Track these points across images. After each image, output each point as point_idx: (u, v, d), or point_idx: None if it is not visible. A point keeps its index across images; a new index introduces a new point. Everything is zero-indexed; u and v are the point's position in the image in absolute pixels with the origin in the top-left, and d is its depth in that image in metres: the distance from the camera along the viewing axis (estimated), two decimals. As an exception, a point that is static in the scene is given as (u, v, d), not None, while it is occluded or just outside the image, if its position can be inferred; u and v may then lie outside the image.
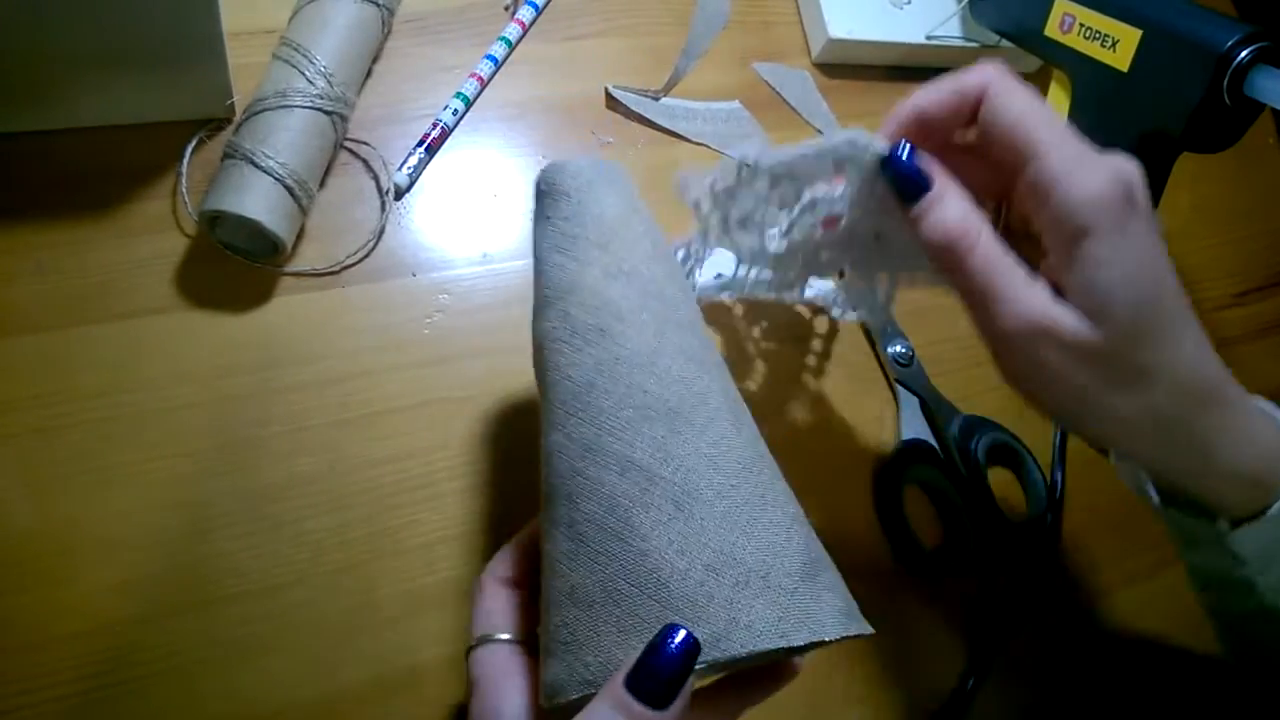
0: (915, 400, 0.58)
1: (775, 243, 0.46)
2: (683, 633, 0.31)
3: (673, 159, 0.60)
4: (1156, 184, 0.56)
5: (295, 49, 0.49)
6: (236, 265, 0.49)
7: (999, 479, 0.58)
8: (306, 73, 0.48)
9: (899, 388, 0.58)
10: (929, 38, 0.67)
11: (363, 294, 0.51)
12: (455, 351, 0.51)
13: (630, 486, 0.34)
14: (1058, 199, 0.35)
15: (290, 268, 0.50)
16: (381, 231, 0.52)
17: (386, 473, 0.47)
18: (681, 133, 0.61)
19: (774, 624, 0.32)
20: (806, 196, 0.42)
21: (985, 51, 0.69)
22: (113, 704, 0.41)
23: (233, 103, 0.50)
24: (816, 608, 0.33)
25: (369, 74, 0.55)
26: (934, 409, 0.57)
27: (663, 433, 0.34)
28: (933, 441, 0.56)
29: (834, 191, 0.42)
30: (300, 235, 0.50)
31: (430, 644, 0.45)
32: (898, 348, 0.58)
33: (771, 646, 0.32)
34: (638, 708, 0.30)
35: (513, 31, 0.60)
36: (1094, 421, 0.39)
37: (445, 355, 0.51)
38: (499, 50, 0.59)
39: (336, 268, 0.51)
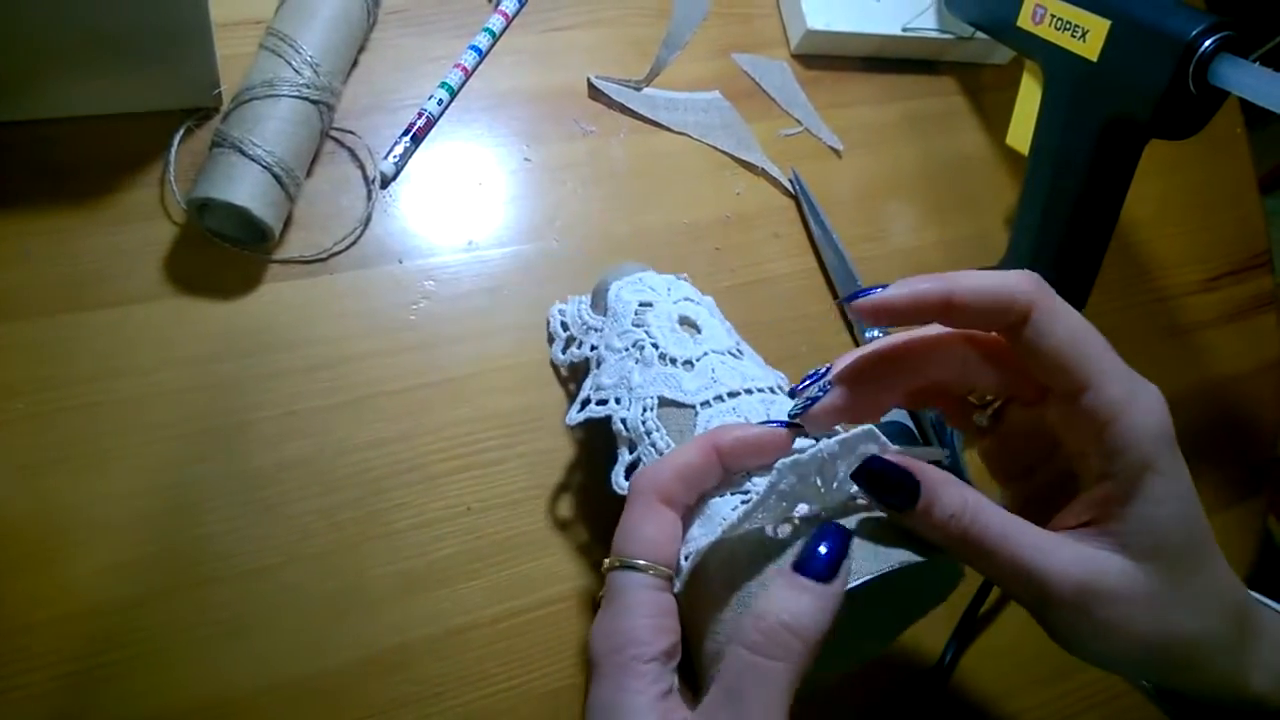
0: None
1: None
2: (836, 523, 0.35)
3: (655, 147, 0.61)
4: (1125, 170, 0.57)
5: (282, 39, 0.49)
6: (225, 253, 0.49)
7: (975, 459, 0.59)
8: (293, 63, 0.49)
9: (877, 371, 0.59)
10: (905, 29, 0.68)
11: (350, 281, 0.52)
12: (441, 336, 0.52)
13: None
14: (1122, 432, 0.33)
15: (278, 255, 0.51)
16: (368, 219, 0.53)
17: (374, 456, 0.48)
18: (663, 122, 0.62)
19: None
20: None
21: (960, 44, 0.70)
22: (103, 685, 0.42)
23: (220, 92, 0.51)
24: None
25: (355, 64, 0.56)
26: (911, 392, 0.58)
27: None
28: (910, 424, 0.58)
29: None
30: (288, 223, 0.51)
31: (419, 625, 0.46)
32: (876, 334, 0.60)
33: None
34: (807, 581, 0.33)
35: (496, 22, 0.60)
36: (1159, 664, 0.36)
37: (431, 340, 0.52)
38: (483, 41, 0.59)
39: (324, 255, 0.51)
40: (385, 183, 0.54)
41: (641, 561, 0.36)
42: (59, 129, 0.49)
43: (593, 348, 0.48)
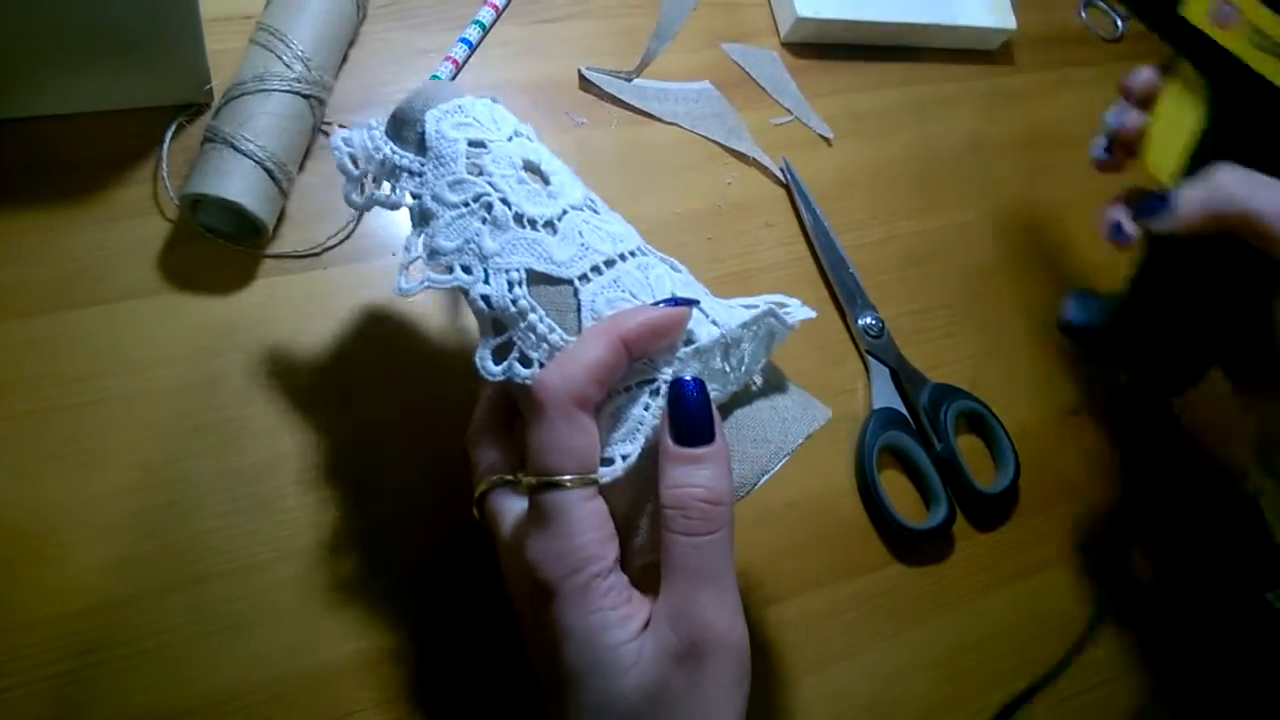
0: (886, 370, 0.59)
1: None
2: (687, 378, 0.35)
3: (646, 138, 0.62)
4: None
5: (272, 34, 0.49)
6: (218, 248, 0.49)
7: (968, 445, 0.59)
8: (284, 57, 0.49)
9: (869, 359, 0.59)
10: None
11: (344, 275, 0.52)
12: (435, 332, 0.52)
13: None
14: None
15: (272, 250, 0.51)
16: (361, 214, 0.53)
17: (370, 450, 0.48)
18: (654, 113, 0.62)
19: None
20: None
21: (950, 31, 0.71)
22: (100, 682, 0.42)
23: (211, 88, 0.51)
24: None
25: (345, 58, 0.56)
26: (904, 379, 0.59)
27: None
28: (904, 410, 0.58)
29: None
30: (281, 218, 0.51)
31: (415, 616, 0.46)
32: (868, 320, 0.60)
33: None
34: (697, 451, 0.34)
35: (486, 15, 0.60)
36: None
37: (426, 336, 0.52)
38: (473, 34, 0.59)
39: (318, 249, 0.52)
40: (378, 180, 0.54)
41: (570, 478, 0.34)
42: (50, 126, 0.49)
43: (413, 195, 0.40)
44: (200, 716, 0.42)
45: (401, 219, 0.54)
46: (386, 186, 0.41)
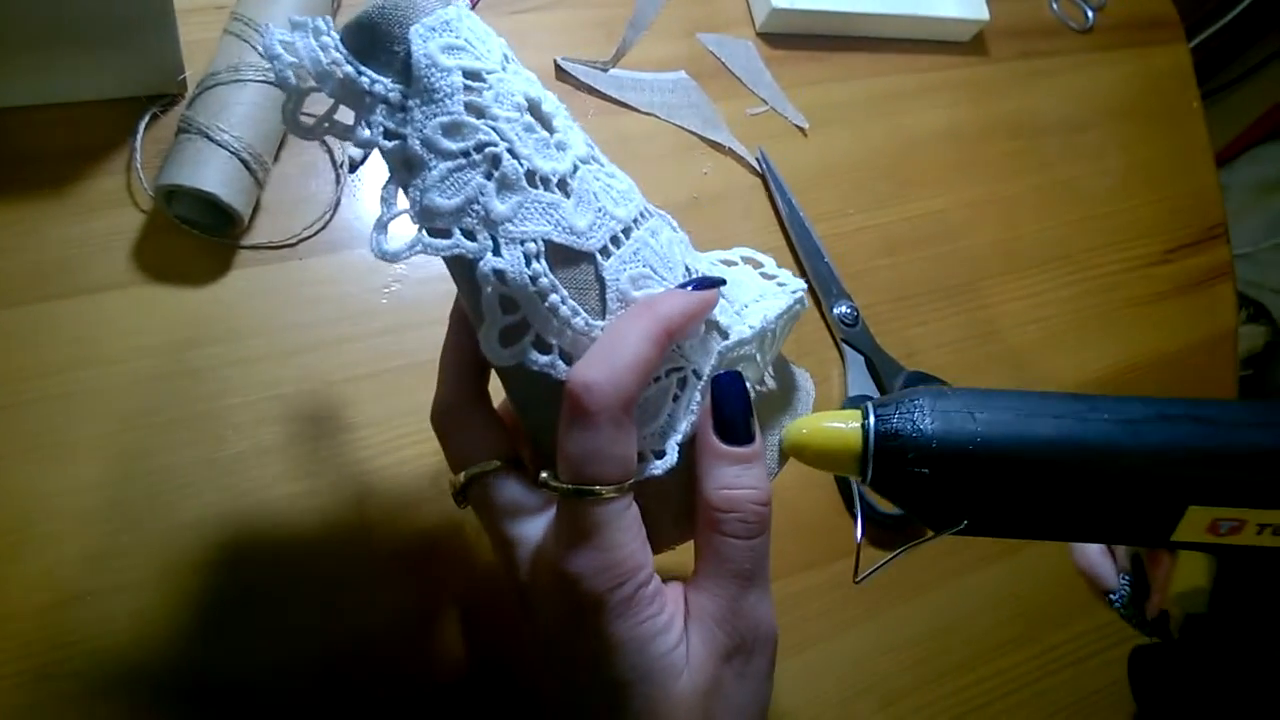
0: (861, 359, 0.60)
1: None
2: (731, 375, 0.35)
3: (623, 128, 0.62)
4: None
5: (246, 23, 0.49)
6: (194, 240, 0.49)
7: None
8: (258, 47, 0.49)
9: (845, 347, 0.60)
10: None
11: (320, 266, 0.52)
12: (413, 320, 0.52)
13: None
14: None
15: (247, 241, 0.51)
16: (337, 204, 0.53)
17: (349, 440, 0.49)
18: (630, 103, 0.63)
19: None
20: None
21: (924, 21, 0.71)
22: (83, 674, 0.42)
23: (185, 78, 0.51)
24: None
25: (320, 48, 0.55)
26: (879, 367, 0.59)
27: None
28: (878, 397, 0.59)
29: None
30: (256, 209, 0.51)
31: (408, 600, 0.46)
32: (843, 308, 0.60)
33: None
34: (743, 450, 0.34)
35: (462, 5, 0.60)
36: None
37: (403, 324, 0.52)
38: None
39: (293, 240, 0.51)
40: (354, 167, 0.54)
41: (611, 488, 0.32)
42: (21, 118, 0.49)
43: (387, 135, 0.32)
44: (190, 706, 0.42)
45: (373, 209, 0.54)
46: (375, 130, 0.32)
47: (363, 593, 0.46)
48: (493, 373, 0.37)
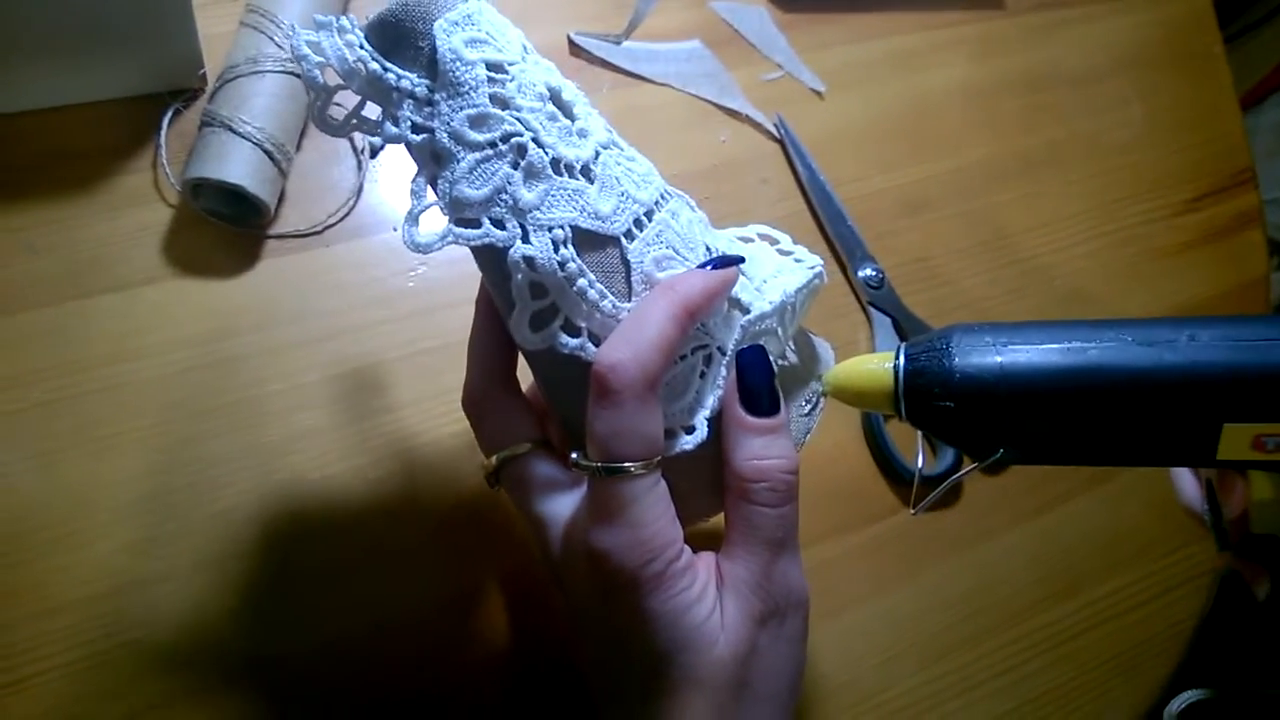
0: (888, 321, 0.60)
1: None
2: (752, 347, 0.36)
3: (638, 100, 0.62)
4: None
5: (263, 15, 0.49)
6: (221, 231, 0.50)
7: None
8: (275, 38, 0.49)
9: (871, 310, 0.60)
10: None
11: (346, 252, 0.52)
12: (440, 302, 0.52)
13: None
14: None
15: (274, 231, 0.51)
16: (360, 190, 0.53)
17: (385, 422, 0.49)
18: (645, 75, 0.62)
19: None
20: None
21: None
22: (134, 660, 0.43)
23: (204, 72, 0.51)
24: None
25: (335, 35, 0.56)
26: (906, 328, 0.59)
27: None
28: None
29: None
30: (281, 198, 0.51)
31: (450, 577, 0.47)
32: (868, 271, 0.60)
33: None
34: (770, 421, 0.35)
35: (472, -15, 0.60)
36: None
37: (430, 306, 0.52)
38: None
39: (319, 228, 0.52)
40: (374, 153, 0.55)
41: (637, 465, 0.32)
42: (47, 119, 0.50)
43: (415, 129, 0.33)
44: (238, 686, 0.43)
45: (395, 193, 0.54)
46: (403, 124, 0.33)
47: (405, 570, 0.47)
48: (520, 357, 0.38)
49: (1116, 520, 0.59)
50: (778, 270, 0.39)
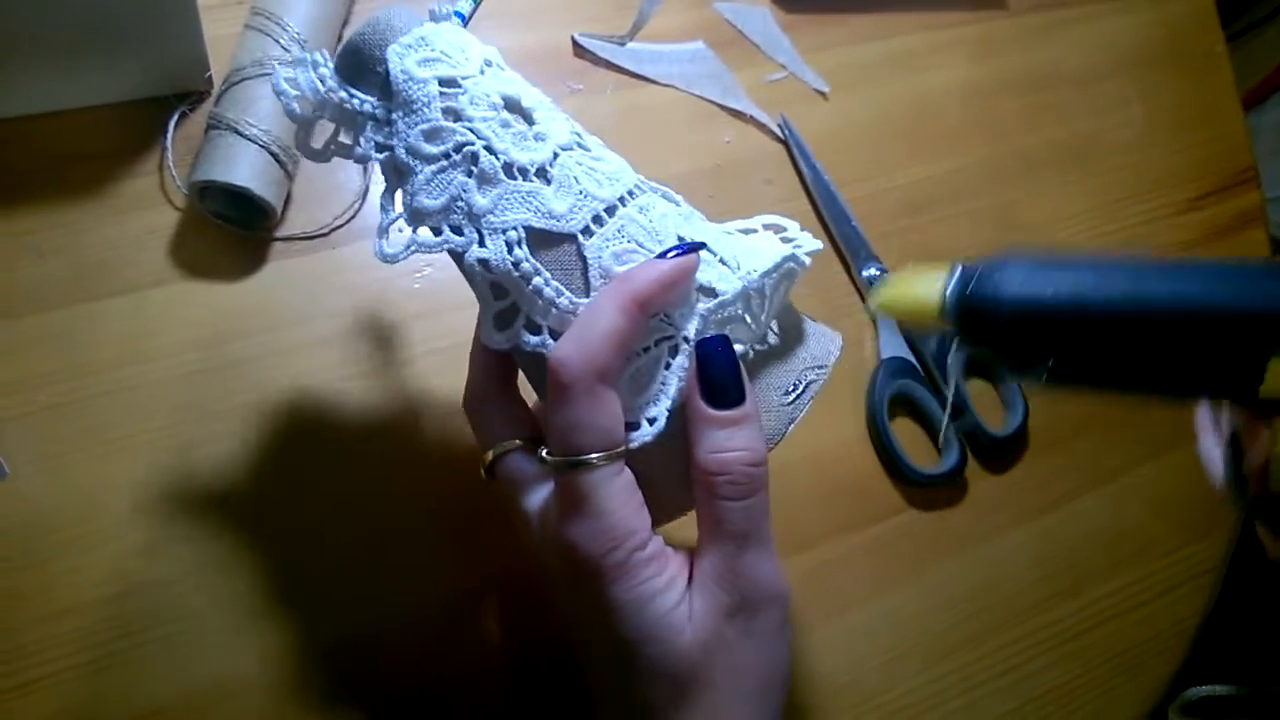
0: (892, 320, 0.60)
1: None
2: (713, 336, 0.35)
3: (642, 101, 0.62)
4: None
5: (268, 17, 0.50)
6: (228, 234, 0.50)
7: (977, 390, 0.60)
8: (281, 40, 0.49)
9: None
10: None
11: (353, 254, 0.52)
12: (447, 303, 0.53)
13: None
14: None
15: (280, 233, 0.51)
16: (365, 192, 0.53)
17: (394, 424, 0.49)
18: (649, 75, 0.63)
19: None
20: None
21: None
22: (147, 659, 0.43)
23: (210, 75, 0.51)
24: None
25: (339, 38, 0.56)
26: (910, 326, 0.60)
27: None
28: (912, 359, 0.59)
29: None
30: (287, 201, 0.51)
31: (444, 582, 0.47)
32: (872, 270, 0.61)
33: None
34: (732, 413, 0.35)
35: (477, -14, 0.60)
36: None
37: (436, 308, 0.52)
38: (465, 6, 0.59)
39: (325, 230, 0.52)
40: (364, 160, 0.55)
41: (597, 456, 0.33)
42: (53, 122, 0.50)
43: (379, 148, 0.35)
44: (247, 688, 0.43)
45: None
46: (366, 144, 0.36)
47: (410, 570, 0.47)
48: None
49: (1119, 519, 0.60)
50: (766, 256, 0.39)
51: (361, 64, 0.35)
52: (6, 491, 0.44)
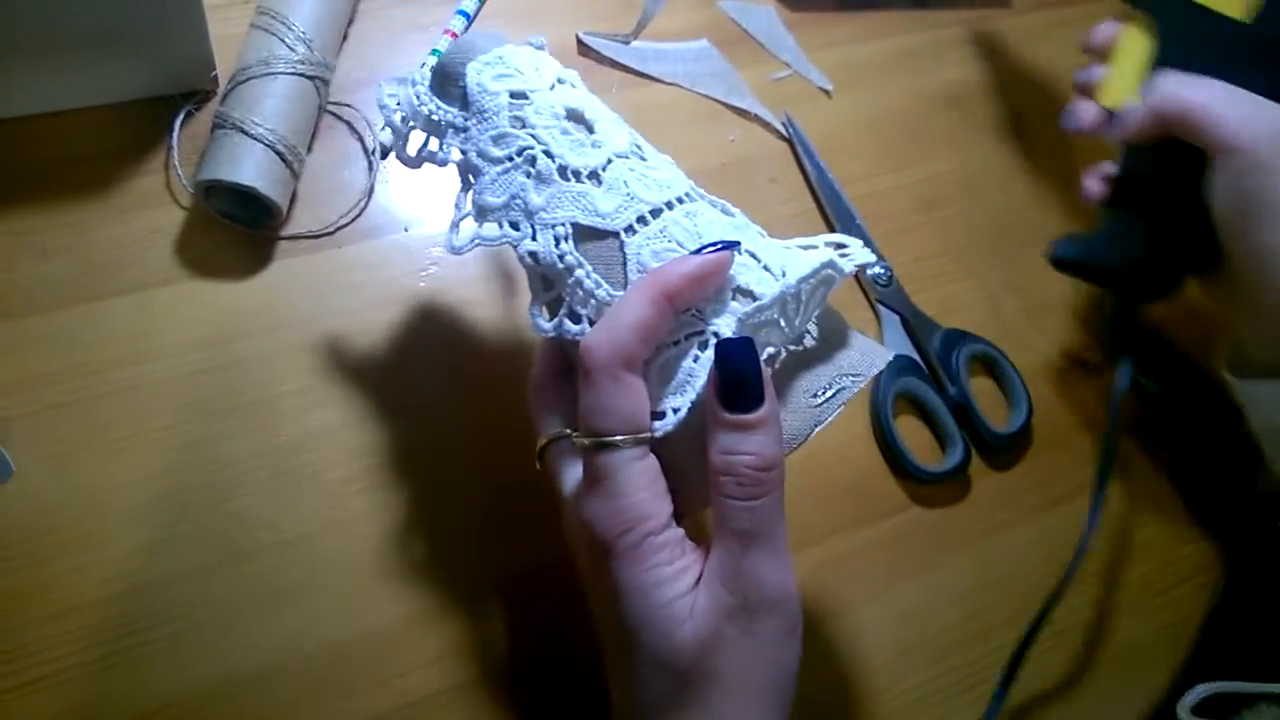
0: (897, 318, 0.60)
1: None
2: (733, 338, 0.35)
3: (647, 99, 0.62)
4: None
5: (273, 17, 0.50)
6: (233, 233, 0.50)
7: (981, 388, 0.60)
8: (286, 40, 0.49)
9: (880, 307, 0.60)
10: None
11: (358, 252, 0.52)
12: (452, 301, 0.53)
13: None
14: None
15: (286, 232, 0.51)
16: (371, 190, 0.54)
17: (399, 421, 0.49)
18: (654, 74, 0.63)
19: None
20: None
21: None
22: (146, 660, 0.43)
23: (216, 74, 0.51)
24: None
25: (345, 37, 0.56)
26: (915, 326, 0.60)
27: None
28: (916, 357, 0.59)
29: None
30: (293, 200, 0.52)
31: (461, 578, 0.47)
32: (877, 269, 0.61)
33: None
34: (741, 418, 0.34)
35: (481, -15, 0.61)
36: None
37: (442, 306, 0.52)
38: (469, 4, 0.60)
39: (331, 229, 0.52)
40: (385, 153, 0.55)
41: (621, 437, 0.34)
42: (59, 121, 0.50)
43: (460, 151, 0.40)
44: (252, 685, 0.43)
45: (406, 194, 0.55)
46: (435, 142, 0.41)
47: (414, 569, 0.47)
48: None
49: (1124, 515, 0.60)
50: (806, 262, 0.39)
51: (446, 80, 0.40)
52: (11, 490, 0.44)
